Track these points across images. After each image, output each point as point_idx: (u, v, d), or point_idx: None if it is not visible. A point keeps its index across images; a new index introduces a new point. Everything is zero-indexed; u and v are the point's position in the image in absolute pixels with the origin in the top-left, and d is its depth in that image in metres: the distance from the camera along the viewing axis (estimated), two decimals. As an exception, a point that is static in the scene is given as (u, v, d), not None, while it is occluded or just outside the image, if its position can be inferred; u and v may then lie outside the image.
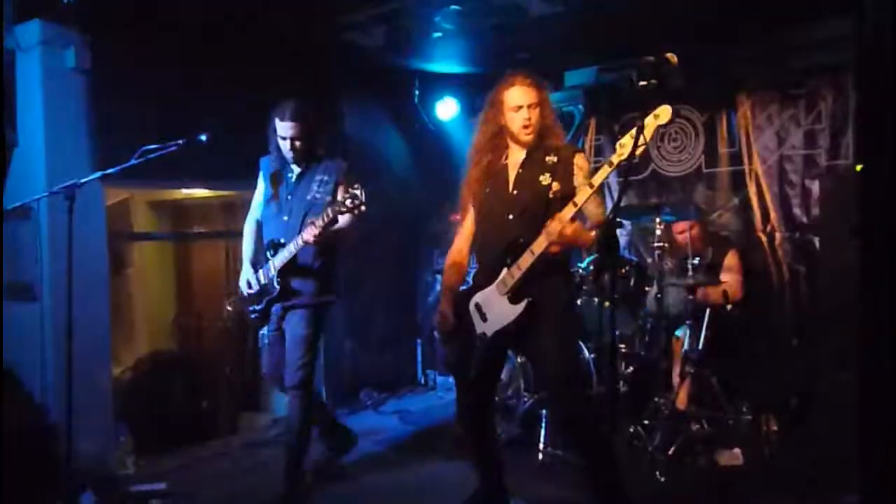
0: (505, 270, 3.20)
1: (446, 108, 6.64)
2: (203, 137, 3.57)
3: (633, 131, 2.78)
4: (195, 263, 6.97)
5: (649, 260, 5.24)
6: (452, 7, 4.60)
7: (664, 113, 2.76)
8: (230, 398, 6.03)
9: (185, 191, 6.50)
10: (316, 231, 3.61)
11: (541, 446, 4.42)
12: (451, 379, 5.93)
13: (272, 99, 3.95)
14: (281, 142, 3.92)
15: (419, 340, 6.77)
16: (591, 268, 4.81)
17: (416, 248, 6.91)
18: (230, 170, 5.06)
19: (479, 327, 3.29)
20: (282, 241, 3.87)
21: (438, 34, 5.09)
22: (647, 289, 4.81)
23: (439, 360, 6.50)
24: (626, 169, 2.93)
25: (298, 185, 3.97)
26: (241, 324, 6.02)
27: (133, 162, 3.53)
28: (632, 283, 4.74)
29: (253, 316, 4.08)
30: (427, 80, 6.55)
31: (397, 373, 6.59)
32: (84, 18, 4.29)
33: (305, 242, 3.69)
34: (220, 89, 5.03)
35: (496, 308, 3.23)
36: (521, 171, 3.30)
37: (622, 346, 4.75)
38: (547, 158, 3.25)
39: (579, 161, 3.24)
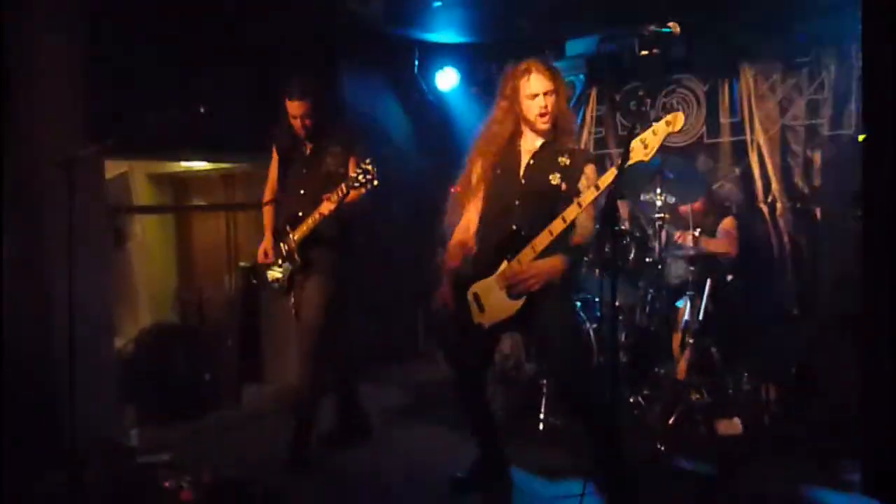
0: (505, 263, 3.19)
1: (446, 79, 6.60)
2: (201, 109, 3.55)
3: (644, 135, 2.75)
4: (196, 236, 6.96)
5: (650, 230, 5.24)
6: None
7: (677, 121, 2.75)
8: (232, 370, 6.05)
9: (184, 163, 6.48)
10: (331, 206, 3.74)
11: (541, 416, 4.45)
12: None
13: (271, 69, 3.94)
14: (292, 121, 3.99)
15: (420, 312, 6.78)
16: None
17: (418, 218, 6.89)
18: (229, 143, 5.05)
19: (476, 317, 3.28)
20: (300, 214, 3.98)
21: (438, 3, 5.04)
22: (647, 259, 4.81)
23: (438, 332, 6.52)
24: (628, 138, 2.90)
25: (313, 159, 4.06)
26: (243, 295, 6.04)
27: (132, 134, 3.51)
28: (632, 253, 4.74)
29: (276, 288, 4.21)
30: (426, 50, 6.50)
31: (398, 344, 6.61)
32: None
33: (321, 215, 3.82)
34: (219, 60, 4.99)
35: (494, 301, 3.22)
36: (532, 161, 3.29)
37: (622, 316, 4.76)
38: (560, 159, 3.24)
39: (588, 171, 3.24)
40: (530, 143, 3.32)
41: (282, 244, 4.10)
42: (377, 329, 6.41)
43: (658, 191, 4.53)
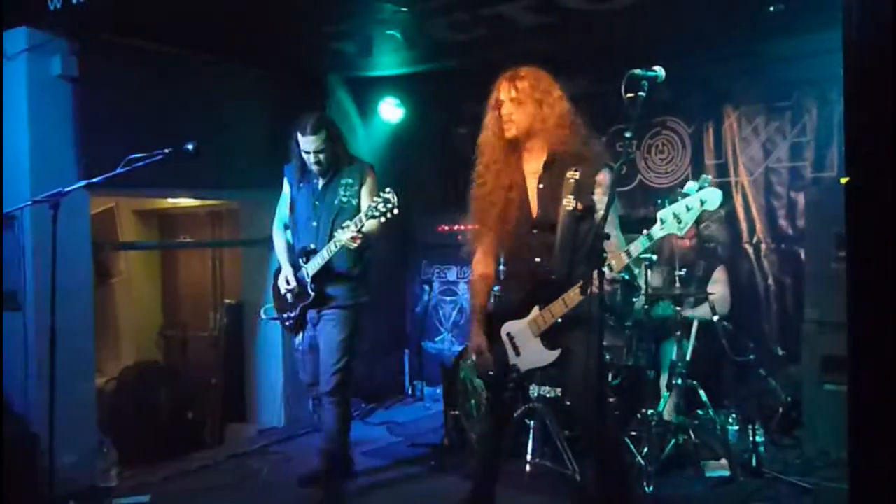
0: (536, 310, 3.12)
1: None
2: (190, 146, 3.54)
3: (676, 209, 2.67)
4: (181, 273, 6.93)
5: (637, 271, 5.25)
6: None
7: (712, 199, 2.61)
8: (216, 409, 5.99)
9: (171, 200, 6.47)
10: (353, 233, 3.74)
11: (528, 457, 4.40)
12: (438, 390, 5.91)
13: (261, 107, 3.96)
14: (305, 156, 4.06)
15: (406, 350, 6.75)
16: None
17: (405, 257, 6.89)
18: (217, 179, 5.05)
19: (513, 359, 3.22)
20: (313, 246, 4.04)
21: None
22: (634, 300, 4.81)
23: (426, 370, 6.48)
24: (613, 180, 2.91)
25: (325, 191, 4.11)
26: (228, 334, 5.99)
27: (119, 171, 3.50)
28: (619, 294, 4.74)
29: (287, 323, 4.22)
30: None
31: (384, 383, 6.56)
32: (71, 26, 4.27)
33: (343, 244, 3.81)
34: (208, 98, 5.02)
35: (530, 347, 3.17)
36: (541, 186, 3.16)
37: (609, 356, 4.74)
38: (568, 174, 3.09)
39: (600, 178, 3.08)
40: (533, 164, 3.20)
41: (293, 278, 4.11)
42: (363, 369, 6.37)
43: (644, 231, 4.54)
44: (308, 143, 4.01)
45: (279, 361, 5.63)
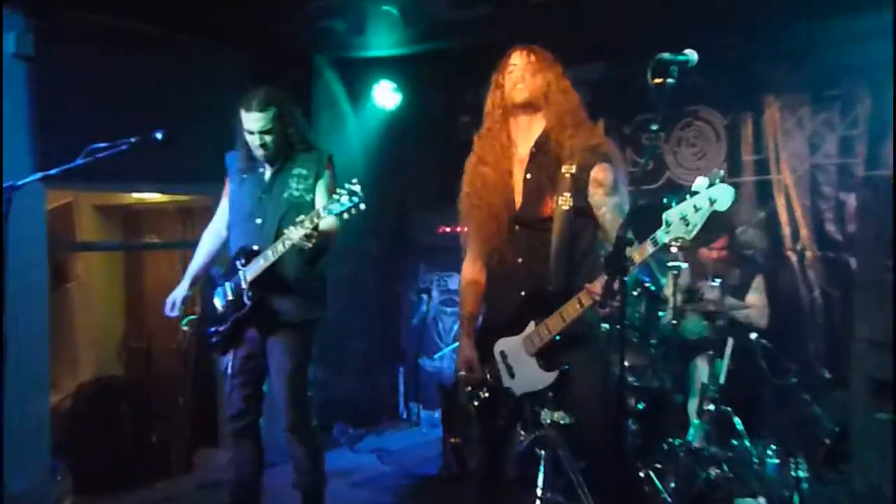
0: (532, 325, 3.11)
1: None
2: (158, 135, 3.55)
3: (683, 208, 2.65)
4: (147, 277, 6.94)
5: (663, 280, 5.25)
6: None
7: (723, 197, 2.56)
8: (184, 432, 5.99)
9: (136, 194, 6.49)
10: (307, 229, 3.47)
11: (538, 491, 4.40)
12: (436, 414, 5.92)
13: (239, 91, 3.93)
14: (249, 137, 3.83)
15: (401, 368, 6.76)
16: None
17: (399, 262, 6.90)
18: (188, 171, 5.06)
19: (506, 381, 3.22)
20: (255, 247, 3.77)
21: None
22: (660, 314, 4.82)
23: (423, 391, 6.49)
24: (639, 177, 2.91)
25: (273, 183, 3.90)
26: (198, 347, 5.99)
27: (78, 162, 3.51)
28: (643, 307, 4.75)
29: (214, 340, 3.91)
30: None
31: (375, 405, 6.57)
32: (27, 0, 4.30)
33: (295, 244, 3.55)
34: (180, 81, 5.03)
35: (525, 368, 3.16)
36: (529, 176, 3.17)
37: (631, 378, 4.75)
38: (564, 169, 3.09)
39: (598, 174, 3.07)
40: (524, 150, 3.19)
41: (227, 286, 3.86)
42: (351, 389, 6.38)
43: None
44: (252, 122, 3.77)
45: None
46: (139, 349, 6.65)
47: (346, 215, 3.43)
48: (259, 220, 3.86)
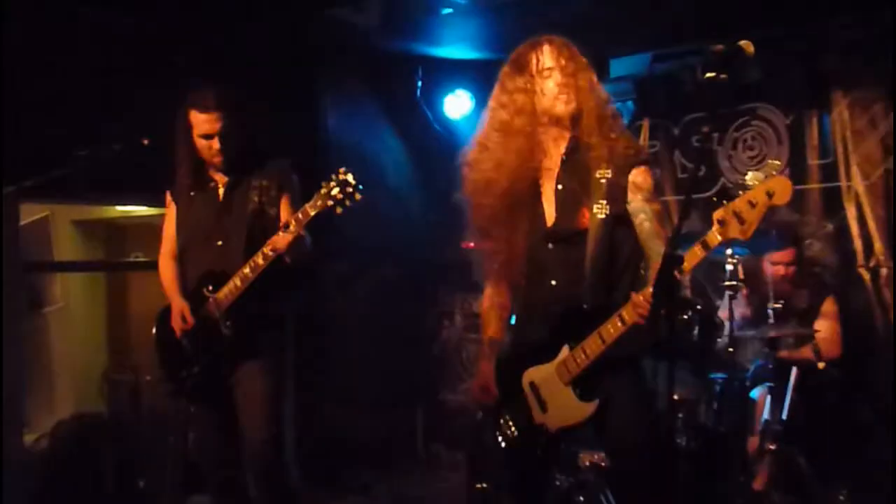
0: (566, 349, 3.11)
1: (457, 104, 6.69)
2: (145, 140, 3.58)
3: (738, 205, 2.63)
4: (133, 301, 6.98)
5: (718, 303, 5.22)
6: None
7: (781, 190, 2.55)
8: (175, 476, 6.00)
9: (120, 207, 6.54)
10: (293, 234, 3.45)
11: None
12: (460, 455, 5.89)
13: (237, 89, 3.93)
14: (202, 142, 3.72)
15: (420, 403, 6.75)
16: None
17: (418, 283, 6.91)
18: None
19: (539, 416, 3.20)
20: (221, 271, 3.71)
21: (447, 10, 5.13)
22: (715, 341, 4.79)
23: (445, 430, 6.48)
24: (690, 184, 2.90)
25: (231, 197, 3.82)
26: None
27: (57, 172, 3.54)
28: (696, 332, 4.72)
29: (187, 385, 3.83)
30: (433, 68, 6.60)
31: (391, 445, 6.57)
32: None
33: (259, 265, 3.54)
34: (170, 80, 5.07)
35: (560, 400, 3.14)
36: (560, 187, 3.18)
37: (682, 414, 4.72)
38: (599, 174, 3.09)
39: (637, 178, 3.08)
40: (553, 159, 3.20)
41: (189, 314, 3.77)
42: (364, 428, 6.38)
43: (729, 250, 4.54)
44: (206, 123, 3.65)
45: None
46: (124, 382, 6.66)
47: (339, 209, 3.40)
48: (220, 242, 3.79)
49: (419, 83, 6.68)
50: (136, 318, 6.91)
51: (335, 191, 3.36)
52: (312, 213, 3.44)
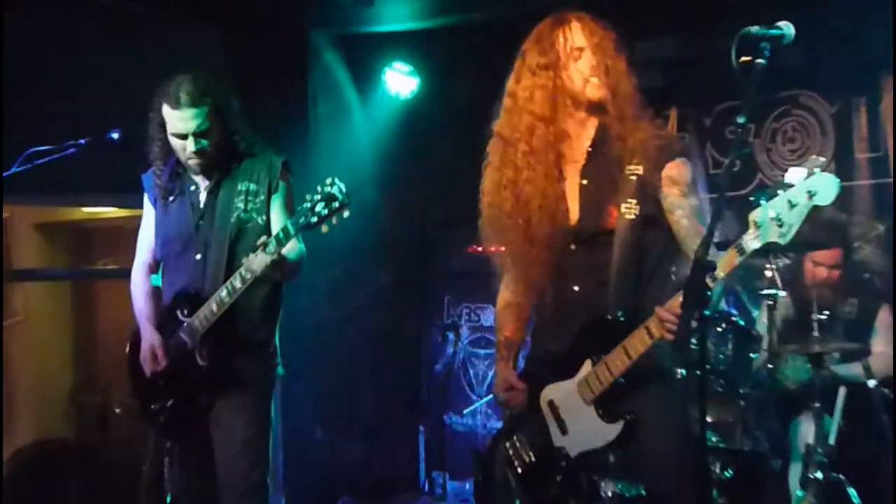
0: (589, 365, 3.10)
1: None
2: (115, 135, 3.59)
3: (775, 206, 2.61)
4: (102, 314, 6.99)
5: (756, 313, 5.22)
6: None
7: (825, 188, 2.49)
8: (149, 509, 6.02)
9: (87, 209, 6.55)
10: (272, 255, 3.34)
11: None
12: (467, 485, 5.90)
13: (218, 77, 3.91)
14: (177, 142, 3.64)
15: (421, 427, 6.75)
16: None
17: (419, 291, 6.91)
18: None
19: (558, 439, 3.21)
20: (195, 292, 3.65)
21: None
22: (752, 356, 4.79)
23: (450, 456, 6.48)
24: (723, 182, 2.90)
25: (213, 203, 3.74)
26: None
27: (16, 169, 3.55)
28: (730, 347, 4.72)
29: (160, 421, 3.76)
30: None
31: (390, 474, 6.57)
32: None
33: (258, 276, 3.41)
34: (144, 65, 5.09)
35: (581, 421, 3.14)
36: (586, 182, 3.17)
37: (716, 438, 4.72)
38: (629, 169, 3.09)
39: (672, 171, 3.07)
40: (578, 150, 3.20)
41: (170, 343, 3.69)
42: (360, 454, 6.39)
43: (769, 255, 4.54)
44: (183, 121, 3.55)
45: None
46: (92, 405, 6.68)
47: (324, 227, 3.29)
48: (198, 255, 3.71)
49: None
50: (105, 333, 6.92)
51: (319, 206, 3.26)
52: (293, 233, 3.34)
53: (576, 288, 3.15)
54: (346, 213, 3.27)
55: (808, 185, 2.51)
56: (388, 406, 6.63)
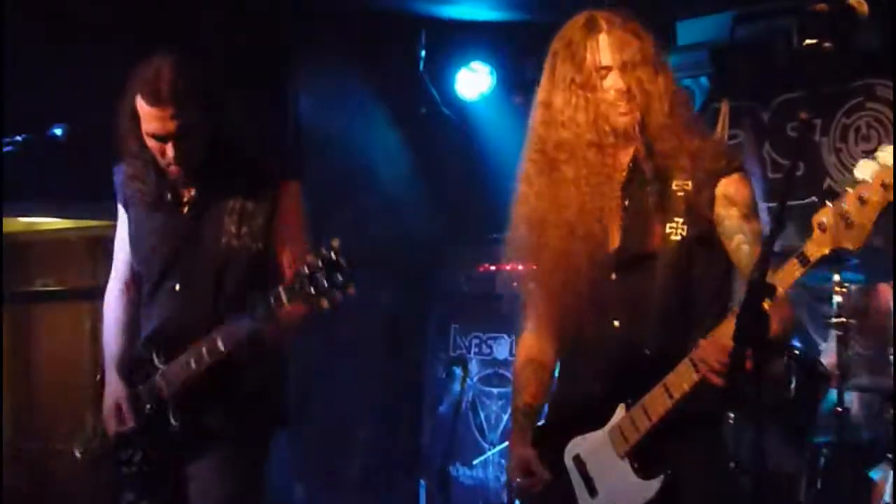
0: (622, 410, 3.11)
1: (473, 80, 6.72)
2: (58, 131, 3.60)
3: (846, 205, 2.59)
4: (42, 343, 7.01)
5: (823, 345, 5.22)
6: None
7: None
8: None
9: (24, 219, 6.57)
10: (250, 327, 3.31)
11: None
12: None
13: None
14: (154, 144, 3.46)
15: (422, 481, 6.76)
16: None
17: (420, 317, 6.93)
18: (101, 185, 5.12)
19: (585, 501, 3.19)
20: (173, 335, 3.56)
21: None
22: (819, 396, 4.79)
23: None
24: (784, 187, 2.91)
25: (197, 221, 3.63)
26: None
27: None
28: (793, 384, 4.73)
29: (125, 474, 3.69)
30: (440, 33, 6.64)
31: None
32: None
33: (220, 351, 3.35)
34: (93, 56, 5.12)
35: (613, 478, 3.13)
36: (627, 204, 3.18)
37: (779, 492, 4.72)
38: (676, 185, 3.12)
39: (729, 189, 3.08)
40: (618, 166, 3.21)
41: (141, 390, 3.59)
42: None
43: (836, 276, 4.54)
44: (160, 121, 3.38)
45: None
46: (30, 453, 6.70)
47: (325, 303, 3.23)
48: (177, 286, 3.62)
49: (422, 53, 6.71)
50: (45, 368, 6.93)
51: (309, 286, 3.18)
52: (288, 303, 3.24)
53: (616, 323, 3.13)
54: (351, 292, 3.23)
55: (883, 176, 2.49)
56: (384, 455, 6.64)
